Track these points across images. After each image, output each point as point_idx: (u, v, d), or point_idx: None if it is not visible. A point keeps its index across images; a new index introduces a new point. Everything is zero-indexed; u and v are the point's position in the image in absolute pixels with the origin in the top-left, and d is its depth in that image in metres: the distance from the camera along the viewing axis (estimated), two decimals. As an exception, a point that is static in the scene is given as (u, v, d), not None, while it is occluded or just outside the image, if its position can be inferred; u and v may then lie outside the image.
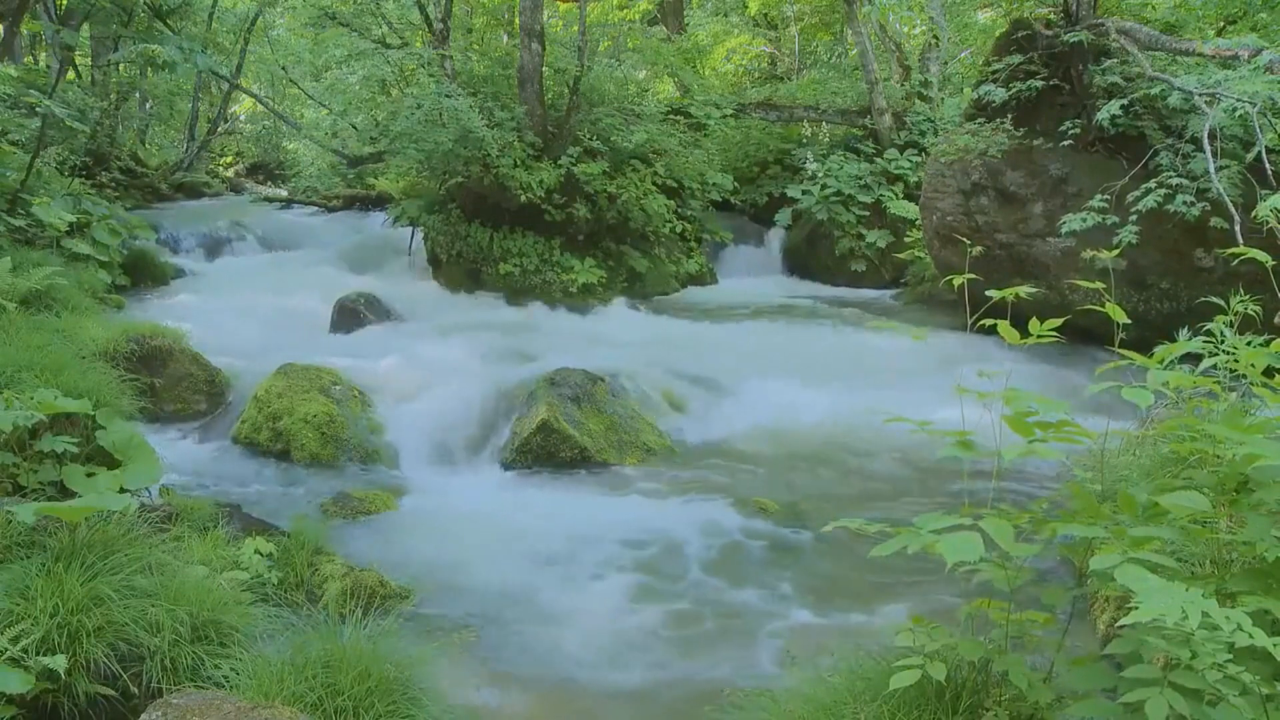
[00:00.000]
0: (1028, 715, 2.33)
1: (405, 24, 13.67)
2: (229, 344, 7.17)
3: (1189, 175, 7.68)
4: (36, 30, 12.38)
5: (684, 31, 16.84)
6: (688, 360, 7.70)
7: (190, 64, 8.97)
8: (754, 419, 6.69)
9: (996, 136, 8.96)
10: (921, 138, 13.28)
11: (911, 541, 2.23)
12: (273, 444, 5.87)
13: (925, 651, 2.36)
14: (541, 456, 5.88)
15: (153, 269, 10.88)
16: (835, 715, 2.48)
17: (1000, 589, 2.43)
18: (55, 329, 5.69)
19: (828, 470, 5.92)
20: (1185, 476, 2.70)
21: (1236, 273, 6.46)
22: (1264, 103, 6.97)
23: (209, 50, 12.18)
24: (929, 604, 3.92)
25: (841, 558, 4.57)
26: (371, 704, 2.66)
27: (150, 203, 14.94)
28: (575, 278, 10.84)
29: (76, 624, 2.76)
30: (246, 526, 4.33)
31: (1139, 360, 2.49)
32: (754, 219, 13.88)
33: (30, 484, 3.82)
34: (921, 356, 7.47)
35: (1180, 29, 9.52)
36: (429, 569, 4.38)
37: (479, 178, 10.58)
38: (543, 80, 11.12)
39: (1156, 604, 1.79)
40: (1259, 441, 2.15)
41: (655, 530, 4.92)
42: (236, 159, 23.72)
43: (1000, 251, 8.90)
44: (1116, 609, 3.32)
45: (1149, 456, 3.91)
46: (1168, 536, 2.24)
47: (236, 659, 2.81)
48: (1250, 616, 1.80)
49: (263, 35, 18.61)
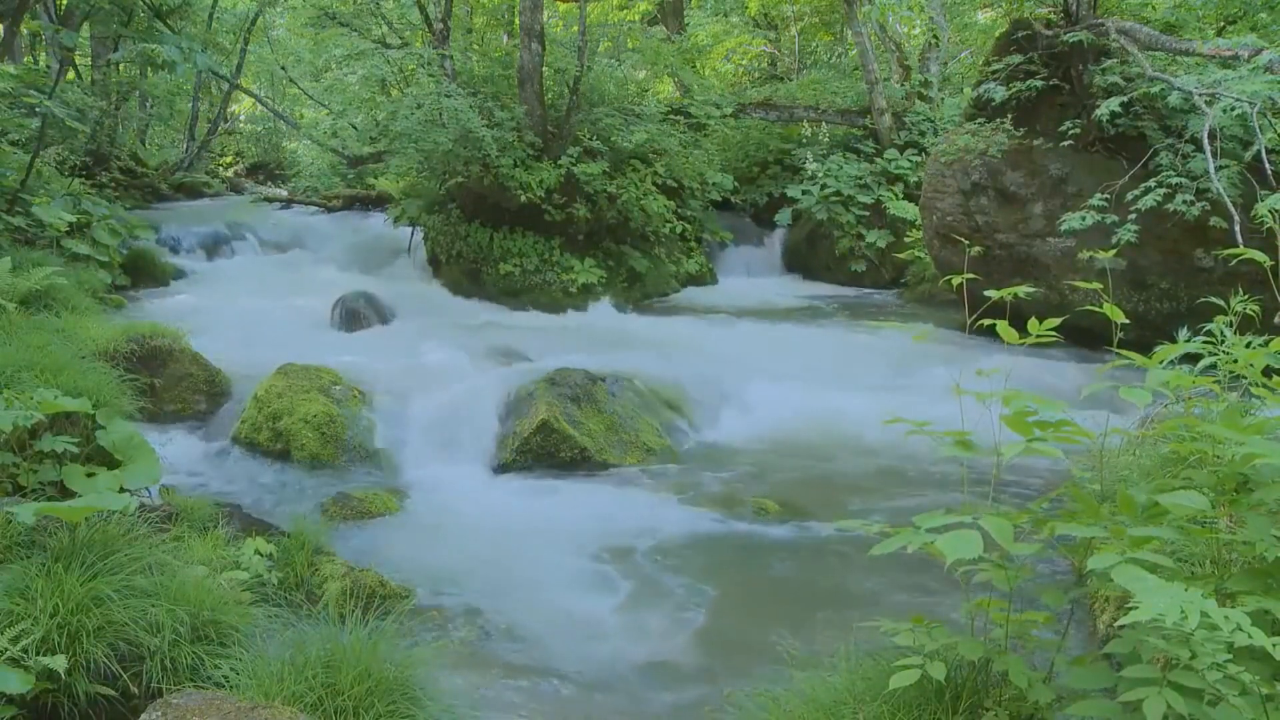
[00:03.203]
0: (1028, 715, 2.33)
1: (405, 24, 13.68)
2: (229, 344, 7.16)
3: (1189, 175, 7.68)
4: (36, 30, 12.38)
5: (684, 31, 16.84)
6: (688, 360, 7.70)
7: (190, 64, 8.96)
8: (754, 419, 6.70)
9: (996, 136, 8.96)
10: (921, 138, 13.29)
11: (911, 540, 2.23)
12: (273, 444, 5.87)
13: (925, 651, 2.36)
14: (541, 456, 5.88)
15: (153, 269, 10.88)
16: (835, 715, 2.48)
17: (1000, 589, 2.43)
18: (55, 329, 5.69)
19: (828, 470, 5.92)
20: (1185, 476, 2.70)
21: (1236, 273, 6.47)
22: (1263, 102, 6.97)
23: (209, 50, 12.16)
24: (929, 604, 3.92)
25: (842, 557, 4.57)
26: (371, 704, 2.65)
27: (150, 203, 14.92)
28: (575, 278, 10.84)
29: (76, 624, 2.75)
30: (246, 526, 4.34)
31: (1138, 360, 2.49)
32: (754, 219, 13.89)
33: (30, 484, 3.81)
34: (921, 356, 7.47)
35: (1180, 29, 9.51)
36: (429, 569, 4.38)
37: (479, 178, 10.58)
38: (543, 80, 11.13)
39: (1155, 604, 1.79)
40: (1258, 441, 2.15)
41: (655, 530, 4.93)
42: (236, 159, 23.70)
43: (1000, 251, 8.90)
44: (1116, 609, 3.31)
45: (1149, 456, 3.92)
46: (1167, 536, 2.24)
47: (236, 659, 2.81)
48: (1250, 616, 1.80)
49: (263, 35, 18.62)
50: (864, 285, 12.53)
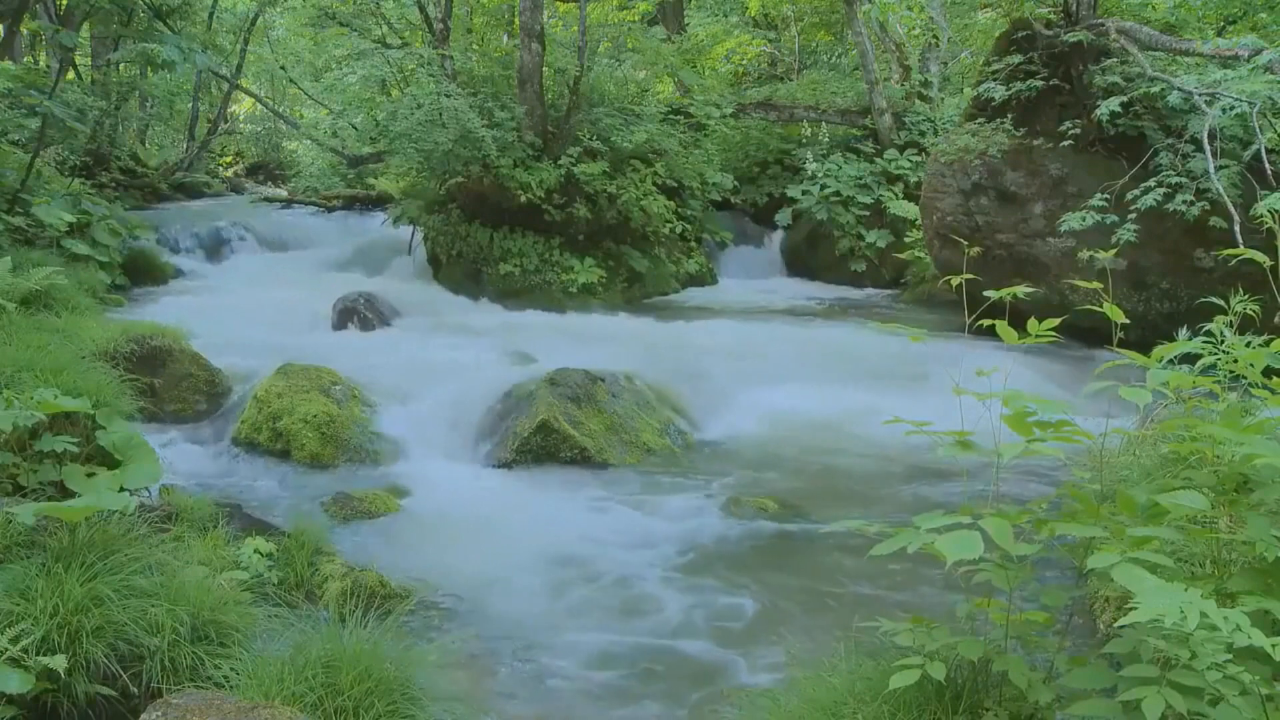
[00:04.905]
0: (1028, 715, 2.33)
1: (405, 24, 13.69)
2: (229, 344, 7.16)
3: (1189, 175, 7.68)
4: (36, 30, 12.38)
5: (684, 31, 16.84)
6: (688, 360, 7.70)
7: (190, 64, 8.97)
8: (754, 419, 6.69)
9: (996, 136, 8.96)
10: (921, 138, 13.28)
11: (911, 541, 2.23)
12: (273, 444, 5.87)
13: (925, 651, 2.36)
14: (541, 456, 5.88)
15: (153, 269, 10.89)
16: (835, 715, 2.48)
17: (1000, 589, 2.43)
18: (55, 329, 5.69)
19: (827, 470, 5.92)
20: (1185, 476, 2.70)
21: (1236, 272, 6.44)
22: (1263, 102, 6.97)
23: (209, 50, 12.17)
24: (929, 604, 3.92)
25: (842, 557, 4.57)
26: (371, 704, 2.66)
27: (150, 203, 14.93)
28: (575, 278, 10.84)
29: (76, 624, 2.76)
30: (246, 526, 4.33)
31: (1138, 360, 2.49)
32: (754, 219, 13.88)
33: (30, 484, 3.81)
34: (921, 357, 7.47)
35: (1180, 29, 9.51)
36: (429, 569, 4.38)
37: (479, 178, 10.58)
38: (543, 80, 11.12)
39: (1155, 604, 1.79)
40: (1258, 441, 2.15)
41: (655, 530, 4.93)
42: (236, 159, 23.69)
43: (1000, 251, 8.90)
44: (1116, 609, 3.31)
45: (1149, 456, 3.92)
46: (1167, 536, 2.24)
47: (236, 659, 2.81)
48: (1250, 616, 1.80)
49: (263, 35, 18.62)
50: (864, 285, 12.53)
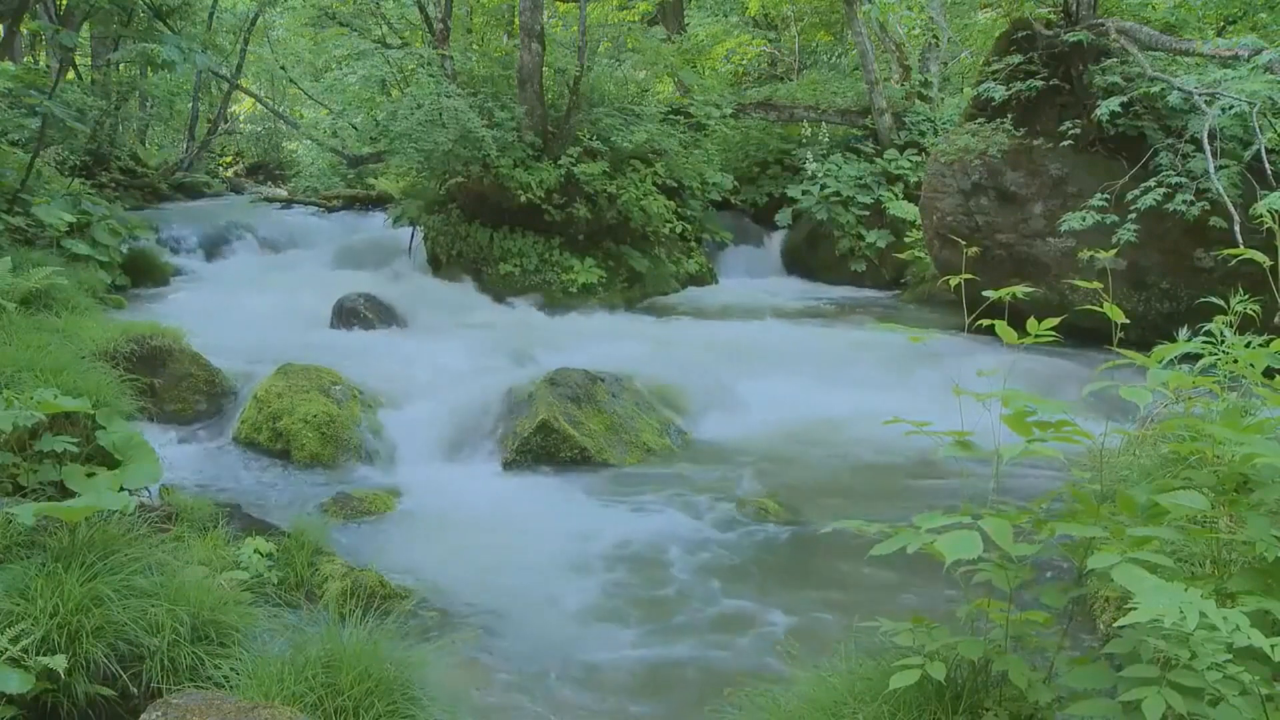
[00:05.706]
0: (1028, 715, 2.32)
1: (405, 24, 13.68)
2: (229, 344, 7.16)
3: (1189, 175, 7.68)
4: (36, 30, 12.37)
5: (684, 31, 16.84)
6: (688, 360, 7.70)
7: (190, 64, 8.96)
8: (754, 419, 6.69)
9: (996, 136, 8.96)
10: (921, 138, 13.28)
11: (911, 541, 2.23)
12: (273, 444, 5.87)
13: (925, 651, 2.36)
14: (541, 456, 5.88)
15: (153, 269, 10.88)
16: (835, 715, 2.48)
17: (1000, 589, 2.43)
18: (55, 329, 5.69)
19: (828, 470, 5.92)
20: (1185, 476, 2.70)
21: (1236, 272, 6.44)
22: (1263, 102, 6.97)
23: (208, 50, 12.17)
24: (929, 604, 3.92)
25: (842, 557, 4.57)
26: (371, 704, 2.66)
27: (150, 203, 14.93)
28: (575, 278, 10.84)
29: (76, 624, 2.75)
30: (246, 526, 4.33)
31: (1138, 360, 2.49)
32: (754, 219, 13.88)
33: (30, 484, 3.81)
34: (922, 356, 7.46)
35: (1180, 29, 9.51)
36: (429, 569, 4.38)
37: (479, 178, 10.58)
38: (543, 80, 11.12)
39: (1154, 604, 1.79)
40: (1258, 441, 2.15)
41: (655, 530, 4.93)
42: (236, 159, 23.69)
43: (1000, 251, 8.90)
44: (1117, 609, 3.31)
45: (1149, 456, 3.91)
46: (1167, 536, 2.24)
47: (236, 659, 2.81)
48: (1249, 617, 1.80)
49: (263, 35, 18.62)
50: (864, 285, 12.53)
